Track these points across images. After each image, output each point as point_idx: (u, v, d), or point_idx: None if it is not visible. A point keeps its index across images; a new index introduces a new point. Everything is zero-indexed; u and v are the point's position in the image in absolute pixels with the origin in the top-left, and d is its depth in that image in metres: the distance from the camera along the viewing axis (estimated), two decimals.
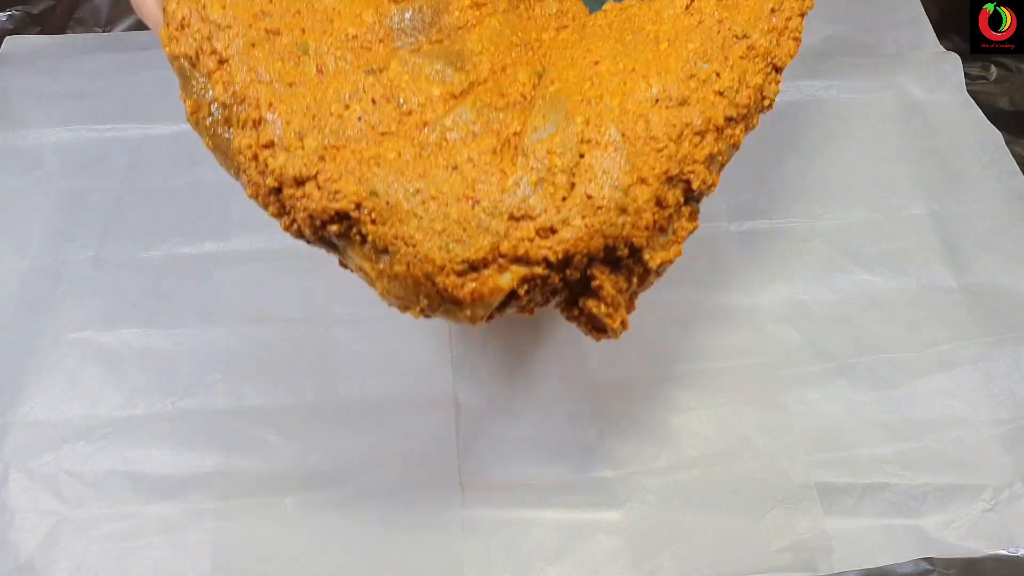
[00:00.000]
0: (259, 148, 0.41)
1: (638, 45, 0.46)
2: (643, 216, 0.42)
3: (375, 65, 0.43)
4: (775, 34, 0.47)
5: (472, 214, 0.41)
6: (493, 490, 0.53)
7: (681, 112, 0.44)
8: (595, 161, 0.42)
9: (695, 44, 0.46)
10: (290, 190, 0.41)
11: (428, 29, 0.45)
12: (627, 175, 0.42)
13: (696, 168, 0.44)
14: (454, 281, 0.40)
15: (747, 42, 0.46)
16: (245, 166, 0.42)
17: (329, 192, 0.40)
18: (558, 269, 0.42)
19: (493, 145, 0.42)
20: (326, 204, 0.40)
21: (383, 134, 0.41)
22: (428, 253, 0.40)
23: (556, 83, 0.45)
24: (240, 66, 0.41)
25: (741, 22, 0.46)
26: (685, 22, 0.47)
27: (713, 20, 0.46)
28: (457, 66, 0.44)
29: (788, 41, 0.47)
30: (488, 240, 0.40)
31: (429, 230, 0.40)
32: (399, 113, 0.42)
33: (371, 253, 0.41)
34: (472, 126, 0.43)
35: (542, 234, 0.41)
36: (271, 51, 0.42)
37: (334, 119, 0.41)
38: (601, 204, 0.41)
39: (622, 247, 0.43)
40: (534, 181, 0.41)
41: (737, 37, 0.46)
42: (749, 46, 0.46)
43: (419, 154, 0.42)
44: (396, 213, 0.40)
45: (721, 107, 0.44)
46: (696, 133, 0.44)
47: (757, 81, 0.46)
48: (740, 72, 0.45)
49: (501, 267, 0.41)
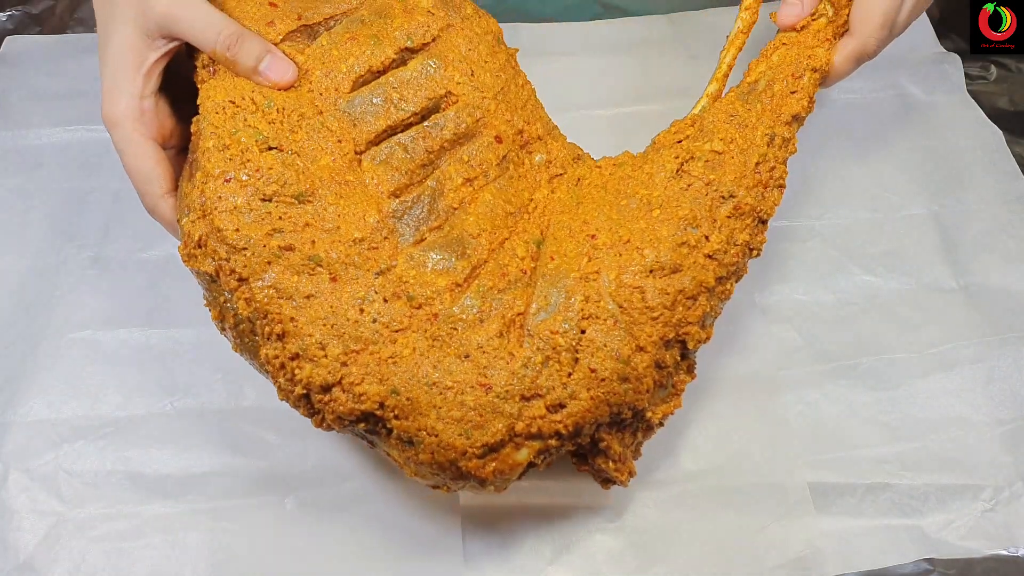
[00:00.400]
0: (286, 359, 0.44)
1: (632, 213, 0.49)
2: (644, 381, 0.46)
3: (383, 265, 0.46)
4: (760, 188, 0.50)
5: (487, 400, 0.44)
6: (492, 497, 0.53)
7: (673, 279, 0.47)
8: (596, 335, 0.45)
9: (685, 210, 0.49)
10: (318, 396, 0.44)
11: (428, 217, 0.48)
12: (626, 346, 0.46)
13: (690, 329, 0.47)
14: (476, 464, 0.44)
15: (734, 202, 0.49)
16: (274, 374, 0.45)
17: (354, 396, 0.43)
18: (570, 439, 0.45)
19: (499, 328, 0.45)
20: (352, 407, 0.44)
21: (397, 331, 0.45)
22: (450, 441, 0.43)
23: (556, 259, 0.48)
24: (259, 284, 0.44)
25: (727, 182, 0.49)
26: (676, 186, 0.49)
27: (701, 183, 0.49)
28: (459, 253, 0.47)
29: (773, 191, 0.51)
30: (504, 423, 0.44)
31: (448, 419, 0.43)
32: (410, 308, 0.45)
33: (397, 444, 0.45)
34: (478, 313, 0.46)
35: (552, 410, 0.44)
36: (287, 267, 0.44)
37: (351, 325, 0.44)
38: (604, 376, 0.45)
39: (626, 411, 0.46)
40: (540, 361, 0.45)
41: (724, 198, 0.49)
42: (736, 205, 0.49)
43: (432, 345, 0.45)
44: (417, 407, 0.44)
45: (711, 269, 0.48)
46: (689, 297, 0.47)
47: (744, 238, 0.49)
48: (728, 232, 0.49)
49: (517, 445, 0.44)
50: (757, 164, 0.50)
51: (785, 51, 0.55)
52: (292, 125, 0.48)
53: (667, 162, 0.50)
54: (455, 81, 0.51)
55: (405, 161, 0.49)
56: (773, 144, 0.51)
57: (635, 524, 0.53)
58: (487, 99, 0.51)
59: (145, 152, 0.49)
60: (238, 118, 0.47)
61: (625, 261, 0.47)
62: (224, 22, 0.49)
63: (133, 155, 0.49)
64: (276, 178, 0.46)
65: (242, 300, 0.45)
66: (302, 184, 0.46)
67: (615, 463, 0.47)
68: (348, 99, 0.49)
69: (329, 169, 0.47)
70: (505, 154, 0.51)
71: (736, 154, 0.50)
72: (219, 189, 0.45)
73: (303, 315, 0.44)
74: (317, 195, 0.46)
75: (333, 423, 0.45)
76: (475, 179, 0.50)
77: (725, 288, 0.49)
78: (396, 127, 0.49)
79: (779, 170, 0.51)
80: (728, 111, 0.52)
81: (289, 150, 0.47)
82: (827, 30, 0.55)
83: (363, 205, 0.47)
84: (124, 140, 0.49)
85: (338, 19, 0.52)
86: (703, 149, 0.50)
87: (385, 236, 0.47)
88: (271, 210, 0.45)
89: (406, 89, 0.50)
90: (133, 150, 0.49)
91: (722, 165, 0.50)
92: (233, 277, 0.45)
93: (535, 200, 0.51)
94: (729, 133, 0.51)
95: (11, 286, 0.61)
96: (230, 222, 0.45)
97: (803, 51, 0.54)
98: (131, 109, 0.48)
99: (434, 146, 0.49)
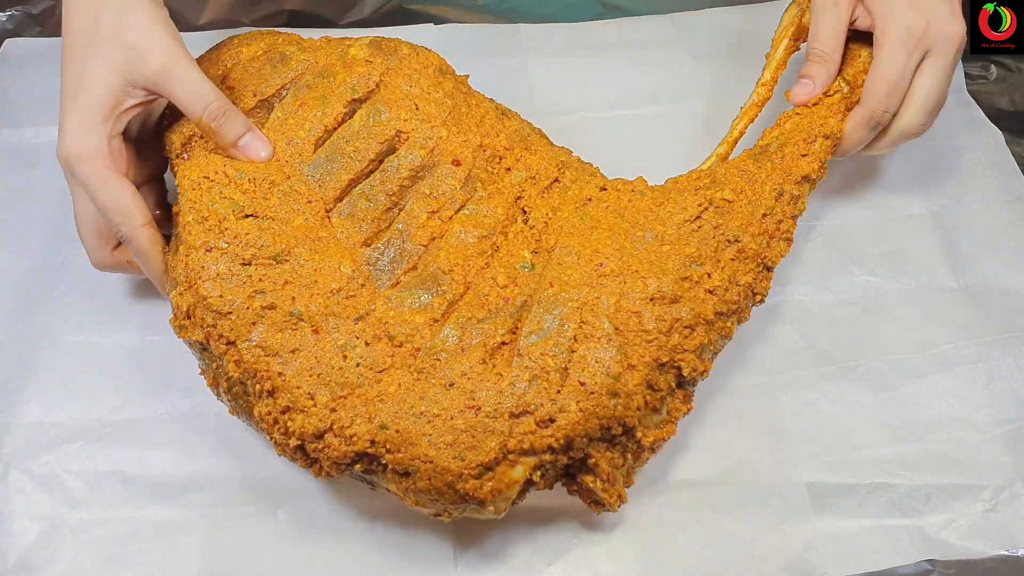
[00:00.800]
0: (277, 414, 0.46)
1: (645, 245, 0.51)
2: (634, 398, 0.47)
3: (361, 311, 0.48)
4: (766, 237, 0.52)
5: (476, 421, 0.45)
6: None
7: (672, 308, 0.49)
8: (588, 352, 0.47)
9: (692, 248, 0.51)
10: (312, 444, 0.45)
11: (400, 260, 0.50)
12: (617, 363, 0.47)
13: (686, 356, 0.49)
14: (473, 484, 0.45)
15: (738, 246, 0.51)
16: (268, 430, 0.47)
17: (346, 438, 0.45)
18: (563, 452, 0.46)
19: (482, 356, 0.47)
20: (345, 449, 0.45)
21: (381, 371, 0.46)
22: (445, 465, 0.44)
23: (556, 285, 0.49)
24: (246, 345, 0.46)
25: (733, 228, 0.52)
26: (689, 227, 0.52)
27: (710, 226, 0.52)
28: (434, 290, 0.49)
29: (779, 242, 0.53)
30: (496, 441, 0.45)
31: (440, 444, 0.45)
32: (392, 347, 0.47)
33: (394, 477, 0.46)
34: (459, 343, 0.47)
35: (542, 425, 0.46)
36: (271, 325, 0.47)
37: (336, 372, 0.46)
38: (594, 389, 0.46)
39: (616, 426, 0.47)
40: (528, 379, 0.46)
41: (729, 241, 0.51)
42: (740, 249, 0.51)
43: (417, 379, 0.46)
44: (407, 438, 0.45)
45: (711, 304, 0.50)
46: (686, 326, 0.49)
47: (747, 280, 0.51)
48: (731, 272, 0.51)
49: (512, 462, 0.45)
50: (764, 215, 0.53)
51: (798, 119, 0.58)
52: (264, 192, 0.50)
53: (689, 206, 0.52)
54: (401, 119, 0.53)
55: (369, 210, 0.51)
56: (781, 199, 0.54)
57: (634, 529, 0.52)
58: (436, 127, 0.53)
59: (121, 187, 0.50)
60: (214, 191, 0.50)
61: (628, 288, 0.49)
62: (214, 93, 0.51)
63: (107, 191, 0.50)
64: (253, 242, 0.48)
65: (232, 362, 0.47)
66: (278, 245, 0.48)
67: (603, 482, 0.48)
68: (310, 162, 0.52)
69: (303, 228, 0.50)
70: (468, 174, 0.52)
71: (744, 204, 0.53)
72: (201, 259, 0.48)
73: (290, 369, 0.46)
74: (293, 254, 0.49)
75: (330, 469, 0.46)
76: (441, 209, 0.51)
77: (725, 325, 0.51)
78: (359, 178, 0.52)
79: (787, 224, 0.54)
80: (740, 167, 0.55)
81: (264, 215, 0.50)
82: (841, 104, 0.58)
83: (337, 257, 0.49)
84: (95, 177, 0.49)
85: (288, 88, 0.55)
86: (715, 197, 0.53)
87: (362, 283, 0.49)
88: (251, 273, 0.48)
89: (357, 140, 0.52)
90: (107, 186, 0.50)
91: (731, 212, 0.52)
92: (222, 341, 0.47)
93: (531, 219, 0.53)
94: (739, 185, 0.53)
95: (10, 287, 0.61)
96: (214, 289, 0.47)
97: (816, 120, 0.57)
98: (102, 147, 0.49)
99: (394, 187, 0.52)
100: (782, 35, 0.62)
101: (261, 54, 0.56)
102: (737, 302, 0.51)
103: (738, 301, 0.51)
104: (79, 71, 0.50)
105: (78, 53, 0.50)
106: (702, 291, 0.50)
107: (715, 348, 0.51)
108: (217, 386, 0.50)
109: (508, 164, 0.54)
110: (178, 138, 0.53)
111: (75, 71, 0.50)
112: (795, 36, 0.62)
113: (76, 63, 0.50)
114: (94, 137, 0.49)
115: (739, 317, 0.52)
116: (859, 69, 0.59)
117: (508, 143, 0.54)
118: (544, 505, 0.53)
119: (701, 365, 0.50)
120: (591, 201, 0.53)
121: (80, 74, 0.49)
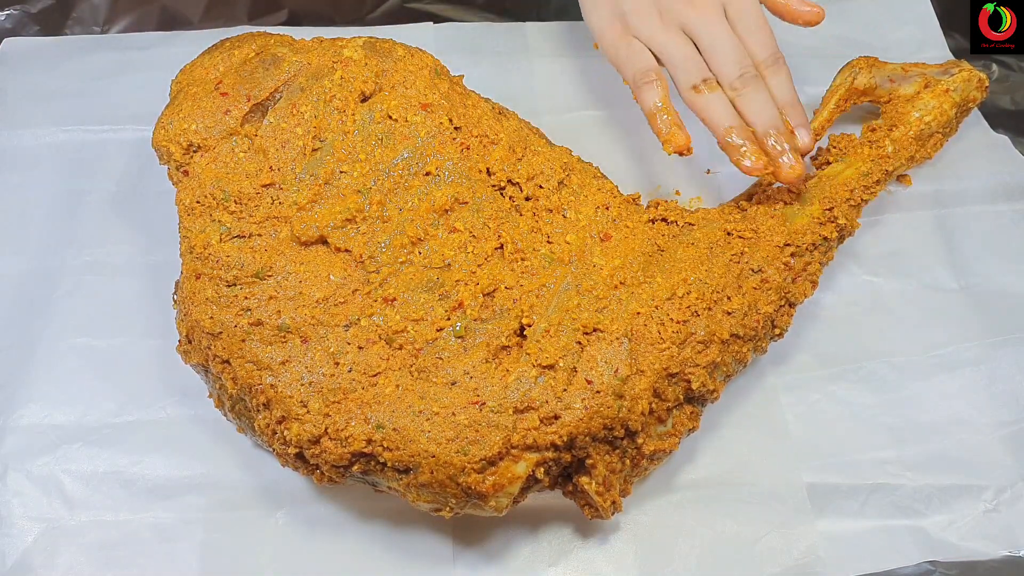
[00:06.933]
0: (275, 425, 0.47)
1: (673, 266, 0.52)
2: (639, 403, 0.47)
3: (352, 317, 0.49)
4: (791, 273, 0.54)
5: (480, 416, 0.46)
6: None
7: (688, 324, 0.49)
8: (598, 352, 0.48)
9: (718, 272, 0.52)
10: (310, 450, 0.46)
11: (400, 260, 0.50)
12: (627, 366, 0.47)
13: (697, 371, 0.49)
14: (476, 479, 0.45)
15: (761, 275, 0.53)
16: (269, 441, 0.48)
17: (341, 441, 0.46)
18: (566, 450, 0.46)
19: (485, 356, 0.48)
20: (342, 451, 0.46)
21: (375, 375, 0.47)
22: (448, 459, 0.45)
23: (569, 287, 0.50)
24: (239, 362, 0.47)
25: (759, 259, 0.53)
26: (717, 252, 0.53)
27: (737, 254, 0.53)
28: (435, 292, 0.49)
29: (805, 283, 0.54)
30: (500, 436, 0.45)
31: (441, 439, 0.45)
32: (389, 350, 0.48)
33: (394, 474, 0.46)
34: (462, 343, 0.48)
35: (546, 422, 0.46)
36: (259, 340, 0.48)
37: (328, 379, 0.47)
38: (600, 388, 0.47)
39: (618, 428, 0.47)
40: (534, 376, 0.47)
41: (753, 271, 0.53)
42: (763, 279, 0.53)
43: (417, 379, 0.47)
44: (405, 435, 0.45)
45: (727, 324, 0.50)
46: (700, 342, 0.49)
47: (768, 310, 0.52)
48: (751, 299, 0.52)
49: (515, 457, 0.46)
50: (792, 254, 0.54)
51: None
52: (251, 209, 0.51)
53: (714, 232, 0.54)
54: (397, 120, 0.53)
55: (368, 213, 0.51)
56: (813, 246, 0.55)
57: (634, 531, 0.52)
58: (432, 128, 0.53)
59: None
60: (204, 216, 0.51)
61: (645, 297, 0.50)
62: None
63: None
64: (234, 263, 0.50)
65: (229, 380, 0.48)
66: (259, 262, 0.50)
67: (598, 485, 0.48)
68: (304, 166, 0.52)
69: (289, 240, 0.50)
70: (468, 175, 0.52)
71: (769, 236, 0.54)
72: (193, 287, 0.50)
73: (281, 380, 0.47)
74: (275, 268, 0.50)
75: (331, 473, 0.47)
76: (441, 210, 0.51)
77: (740, 349, 0.52)
78: (355, 181, 0.52)
79: (814, 267, 0.55)
80: (768, 212, 0.56)
81: (249, 233, 0.51)
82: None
83: (326, 266, 0.50)
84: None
85: (281, 91, 0.55)
86: (743, 229, 0.54)
87: (354, 289, 0.49)
88: (237, 293, 0.49)
89: (353, 143, 0.53)
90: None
91: (757, 244, 0.54)
92: (217, 361, 0.48)
93: (539, 221, 0.52)
94: (768, 224, 0.55)
95: (9, 288, 0.61)
96: (205, 312, 0.49)
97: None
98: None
99: (392, 189, 0.52)
100: (831, 95, 0.65)
101: (253, 56, 0.56)
102: (755, 329, 0.52)
103: (756, 328, 0.52)
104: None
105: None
106: (720, 312, 0.51)
107: (728, 371, 0.52)
108: (223, 406, 0.51)
109: (509, 164, 0.54)
110: (177, 148, 0.53)
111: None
112: (844, 97, 0.64)
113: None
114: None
115: (756, 345, 0.53)
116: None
117: (508, 143, 0.54)
118: (545, 506, 0.52)
119: (711, 383, 0.50)
120: (606, 208, 0.54)
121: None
